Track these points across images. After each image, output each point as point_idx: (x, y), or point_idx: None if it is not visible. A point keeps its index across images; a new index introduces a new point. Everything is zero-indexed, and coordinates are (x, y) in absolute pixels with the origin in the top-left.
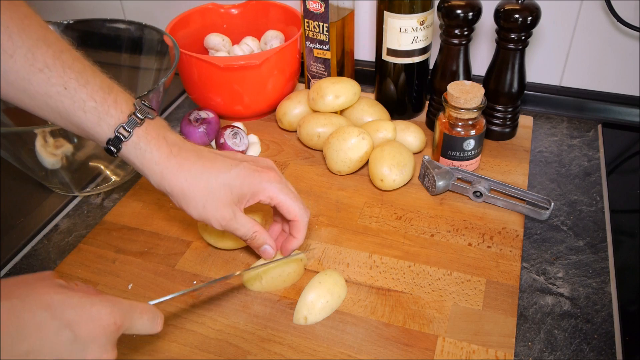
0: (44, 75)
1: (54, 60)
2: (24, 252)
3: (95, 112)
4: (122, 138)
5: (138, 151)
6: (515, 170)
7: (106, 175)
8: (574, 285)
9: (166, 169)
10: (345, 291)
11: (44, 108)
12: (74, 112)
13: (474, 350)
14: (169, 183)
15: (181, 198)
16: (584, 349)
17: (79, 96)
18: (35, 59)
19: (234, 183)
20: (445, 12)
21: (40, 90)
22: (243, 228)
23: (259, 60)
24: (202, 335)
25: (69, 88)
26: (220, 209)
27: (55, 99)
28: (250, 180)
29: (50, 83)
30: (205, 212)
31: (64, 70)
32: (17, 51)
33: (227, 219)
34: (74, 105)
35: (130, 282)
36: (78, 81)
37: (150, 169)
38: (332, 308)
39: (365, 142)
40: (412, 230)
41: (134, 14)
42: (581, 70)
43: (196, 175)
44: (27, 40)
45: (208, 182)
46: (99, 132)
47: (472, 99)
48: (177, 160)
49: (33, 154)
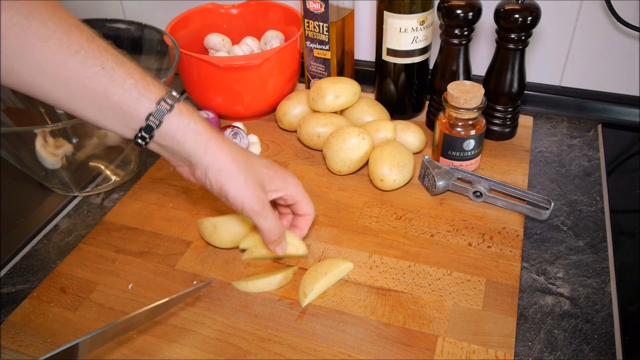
0: (80, 57)
1: (89, 43)
2: (24, 252)
3: (135, 89)
4: (165, 111)
5: (181, 122)
6: (515, 170)
7: (106, 175)
8: (574, 285)
9: (211, 139)
10: (350, 265)
11: (77, 94)
12: (113, 91)
13: (474, 350)
14: (213, 154)
15: (223, 171)
16: (584, 349)
17: (117, 74)
18: (71, 42)
19: (269, 171)
20: (445, 12)
21: (77, 72)
22: (272, 218)
23: (259, 60)
24: (202, 335)
25: (107, 67)
26: (258, 191)
27: (93, 79)
28: (281, 172)
29: (88, 64)
30: (245, 189)
31: (100, 51)
32: (52, 35)
33: (263, 202)
34: (112, 83)
35: (130, 282)
36: (115, 61)
37: (194, 140)
38: (335, 278)
39: (365, 142)
40: (412, 230)
41: (134, 14)
42: (581, 70)
43: (239, 152)
44: (61, 26)
45: (248, 159)
46: (139, 108)
47: (472, 99)
48: (219, 135)
49: (33, 154)
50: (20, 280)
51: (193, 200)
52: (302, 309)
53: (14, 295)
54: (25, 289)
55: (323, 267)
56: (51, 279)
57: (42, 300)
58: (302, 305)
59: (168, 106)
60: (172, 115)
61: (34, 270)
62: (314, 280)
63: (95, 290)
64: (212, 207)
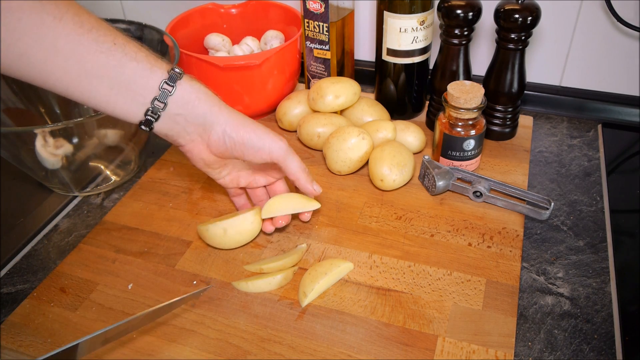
0: (92, 34)
1: (99, 23)
2: (24, 252)
3: (147, 61)
4: (177, 77)
5: (193, 86)
6: (515, 170)
7: (106, 175)
8: (574, 285)
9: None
10: (350, 265)
11: (90, 72)
12: (127, 64)
13: (474, 350)
14: (228, 109)
15: (243, 122)
16: (584, 349)
17: (129, 48)
18: (82, 22)
19: None
20: (445, 12)
21: (92, 48)
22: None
23: (259, 60)
24: (202, 335)
25: (118, 43)
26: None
27: (107, 53)
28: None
29: (100, 41)
30: (267, 132)
31: (109, 29)
32: (65, 15)
33: (286, 143)
34: (125, 56)
35: (130, 282)
36: (124, 39)
37: (208, 100)
38: (335, 278)
39: (365, 142)
40: (412, 230)
41: (134, 14)
42: (581, 70)
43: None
44: (72, 7)
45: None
46: (152, 77)
47: (472, 99)
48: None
49: (33, 154)
50: (20, 280)
51: (193, 200)
52: (302, 309)
53: (14, 295)
54: (25, 289)
55: (323, 267)
56: (51, 279)
57: (42, 300)
58: (302, 305)
59: (178, 74)
60: (184, 81)
61: (34, 270)
62: (314, 280)
63: (95, 290)
64: (212, 208)
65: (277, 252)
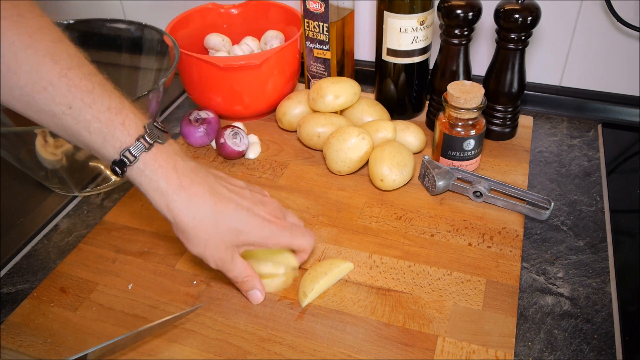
0: (47, 93)
1: (59, 79)
2: (24, 252)
3: (100, 134)
4: (127, 162)
5: (143, 178)
6: (515, 170)
7: (106, 175)
8: (574, 285)
9: (173, 202)
10: (350, 265)
11: (50, 124)
12: (79, 132)
13: (474, 350)
14: (175, 216)
15: (183, 233)
16: (584, 349)
17: (83, 117)
18: (40, 77)
19: (244, 229)
20: (445, 12)
21: (45, 107)
22: (236, 271)
23: (259, 60)
24: (202, 335)
25: (74, 107)
26: (221, 251)
27: (60, 117)
28: (260, 230)
29: (55, 102)
30: (205, 250)
31: (69, 89)
32: (21, 68)
33: (224, 261)
34: (78, 125)
35: (130, 282)
36: (84, 101)
37: (155, 199)
38: (335, 278)
39: (365, 142)
40: (412, 230)
41: (134, 14)
42: (581, 70)
43: (205, 214)
44: (33, 57)
45: (216, 222)
46: (105, 153)
47: (472, 99)
48: (186, 195)
49: (33, 154)
50: (20, 280)
51: None
52: (302, 309)
53: (14, 295)
54: (25, 289)
55: (323, 267)
56: (51, 279)
57: (42, 300)
58: (302, 305)
59: (132, 157)
60: (135, 168)
61: (34, 270)
62: (314, 280)
63: (95, 290)
64: None
65: None
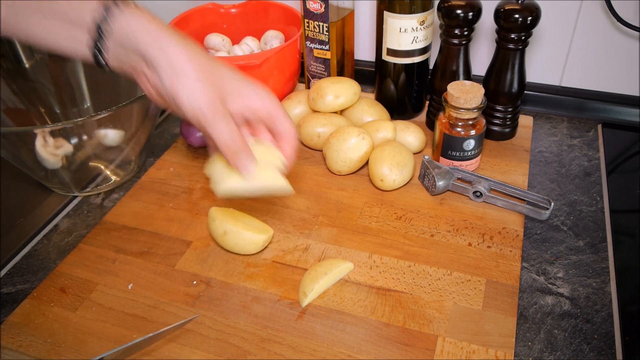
0: None
1: None
2: (24, 252)
3: None
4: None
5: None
6: (515, 170)
7: (106, 175)
8: (574, 285)
9: (161, 30)
10: (350, 265)
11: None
12: None
13: (474, 350)
14: (161, 45)
15: (175, 65)
16: (584, 349)
17: None
18: None
19: (234, 77)
20: (445, 12)
21: None
22: (228, 131)
23: (259, 60)
24: (202, 335)
25: None
26: (212, 94)
27: None
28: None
29: None
30: (196, 86)
31: None
32: None
33: (214, 108)
34: None
35: (130, 282)
36: None
37: (142, 28)
38: (335, 277)
39: (365, 142)
40: (412, 230)
41: None
42: (581, 70)
43: (195, 49)
44: None
45: (207, 58)
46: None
47: (472, 99)
48: (174, 31)
49: (33, 154)
50: (20, 280)
51: (193, 200)
52: (302, 309)
53: (14, 295)
54: (25, 289)
55: (323, 267)
56: (51, 279)
57: (42, 300)
58: (302, 305)
59: (112, 2)
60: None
61: (34, 270)
62: (314, 280)
63: (95, 290)
64: None
65: (277, 252)
